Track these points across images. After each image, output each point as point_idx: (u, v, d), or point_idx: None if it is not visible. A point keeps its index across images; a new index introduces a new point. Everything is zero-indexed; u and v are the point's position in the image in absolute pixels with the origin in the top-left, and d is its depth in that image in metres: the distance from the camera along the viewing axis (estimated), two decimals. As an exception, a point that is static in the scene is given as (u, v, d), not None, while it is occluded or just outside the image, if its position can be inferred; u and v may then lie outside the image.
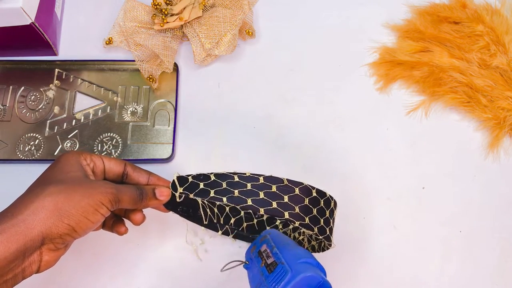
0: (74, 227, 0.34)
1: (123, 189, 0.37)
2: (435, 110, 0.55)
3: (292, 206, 0.37)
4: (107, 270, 0.48)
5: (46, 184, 0.35)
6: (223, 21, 0.55)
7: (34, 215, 0.33)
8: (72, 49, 0.58)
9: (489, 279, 0.48)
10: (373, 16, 0.59)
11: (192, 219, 0.46)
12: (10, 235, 0.32)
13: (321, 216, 0.39)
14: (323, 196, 0.40)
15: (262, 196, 0.37)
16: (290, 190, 0.38)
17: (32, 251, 0.33)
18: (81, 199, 0.34)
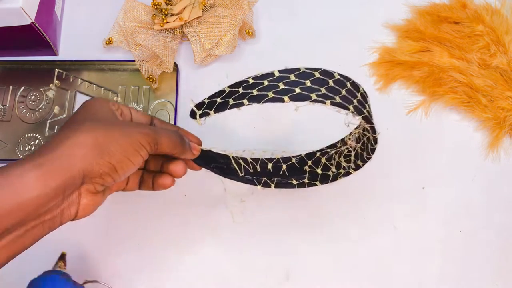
0: (115, 166, 0.32)
1: (161, 132, 0.35)
2: (435, 110, 0.55)
3: (317, 88, 0.34)
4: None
5: (80, 122, 0.32)
6: (223, 21, 0.55)
7: (74, 150, 0.30)
8: (72, 49, 0.58)
9: (489, 279, 0.48)
10: (373, 16, 0.59)
11: (227, 175, 0.43)
12: (50, 170, 0.29)
13: (353, 97, 0.36)
14: (348, 79, 0.36)
15: (282, 87, 0.35)
16: (310, 75, 0.35)
17: (72, 190, 0.30)
18: (120, 137, 0.32)
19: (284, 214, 0.50)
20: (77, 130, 0.31)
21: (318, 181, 0.44)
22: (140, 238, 0.49)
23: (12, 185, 0.28)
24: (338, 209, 0.51)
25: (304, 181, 0.44)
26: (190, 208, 0.51)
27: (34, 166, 0.29)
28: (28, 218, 0.29)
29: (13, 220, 0.28)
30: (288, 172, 0.45)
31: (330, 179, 0.44)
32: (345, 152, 0.44)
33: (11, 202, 0.27)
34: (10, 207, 0.27)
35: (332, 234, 0.50)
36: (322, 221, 0.50)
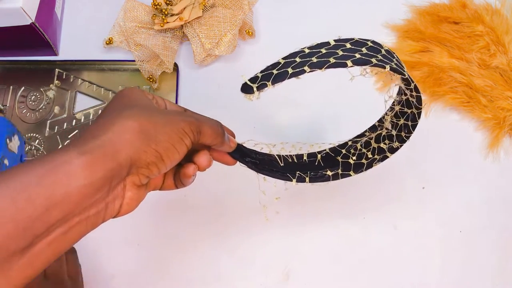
0: (162, 155, 0.30)
1: (204, 120, 0.33)
2: (435, 110, 0.55)
3: (374, 55, 0.34)
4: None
5: (122, 108, 0.30)
6: (223, 21, 0.55)
7: (120, 136, 0.28)
8: (72, 49, 0.58)
9: (489, 279, 0.48)
10: (373, 16, 0.59)
11: (261, 171, 0.41)
12: (96, 158, 0.27)
13: (402, 67, 0.36)
14: (393, 53, 0.37)
15: (342, 53, 0.34)
16: (364, 44, 0.35)
17: (118, 180, 0.28)
18: (165, 125, 0.30)
19: (284, 214, 0.50)
20: (121, 116, 0.29)
21: (352, 171, 0.42)
22: (140, 238, 0.49)
23: (58, 174, 0.25)
24: (338, 209, 0.51)
25: (338, 172, 0.42)
26: (190, 208, 0.51)
27: (80, 153, 0.26)
28: (73, 212, 0.26)
29: (59, 213, 0.26)
30: (323, 163, 0.43)
31: (364, 167, 0.42)
32: (382, 135, 0.42)
33: (58, 192, 0.25)
34: (56, 197, 0.25)
35: (332, 234, 0.50)
36: (322, 221, 0.50)
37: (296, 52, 0.35)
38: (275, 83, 0.33)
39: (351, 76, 0.35)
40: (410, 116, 0.40)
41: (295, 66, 0.33)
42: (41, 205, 0.25)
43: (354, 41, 0.35)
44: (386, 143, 0.42)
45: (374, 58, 0.34)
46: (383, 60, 0.34)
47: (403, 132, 0.41)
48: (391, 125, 0.42)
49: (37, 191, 0.25)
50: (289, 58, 0.34)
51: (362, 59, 0.33)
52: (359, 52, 0.34)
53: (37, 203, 0.25)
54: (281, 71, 0.33)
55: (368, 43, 0.36)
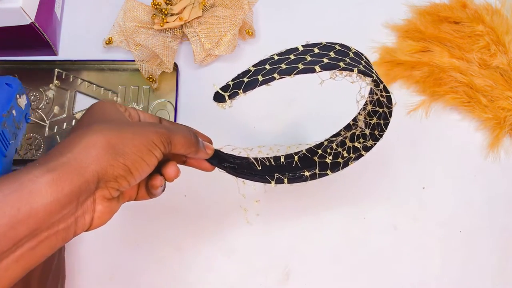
0: (130, 168, 0.30)
1: (175, 130, 0.33)
2: (435, 110, 0.55)
3: (342, 59, 0.34)
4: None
5: (90, 124, 0.30)
6: (223, 21, 0.55)
7: (86, 152, 0.28)
8: (72, 49, 0.58)
9: (489, 279, 0.48)
10: (373, 16, 0.59)
11: (240, 175, 0.41)
12: (62, 174, 0.27)
13: (371, 68, 0.37)
14: (361, 54, 0.38)
15: (309, 59, 0.34)
16: (331, 48, 0.35)
17: (86, 195, 0.29)
18: (134, 137, 0.30)
19: (284, 214, 0.50)
20: (88, 132, 0.29)
21: (329, 170, 0.43)
22: (140, 238, 0.49)
23: (23, 192, 0.26)
24: (338, 209, 0.51)
25: (316, 172, 0.43)
26: (190, 208, 0.51)
27: (46, 170, 0.27)
28: (40, 228, 0.27)
29: (25, 229, 0.26)
30: (300, 163, 0.43)
31: (341, 166, 0.43)
32: (356, 134, 0.43)
33: (23, 210, 0.26)
34: (21, 215, 0.26)
35: (332, 234, 0.50)
36: (322, 221, 0.50)
37: (265, 59, 0.35)
38: (246, 91, 0.33)
39: (321, 81, 0.35)
40: (382, 115, 0.40)
41: (265, 74, 0.34)
42: (6, 223, 0.25)
43: (322, 45, 0.36)
44: (361, 141, 0.43)
45: (342, 61, 0.34)
46: (351, 63, 0.34)
47: (376, 131, 0.41)
48: (364, 124, 0.42)
49: (2, 209, 0.25)
50: (259, 66, 0.35)
51: (330, 63, 0.33)
52: (327, 57, 0.34)
53: (2, 221, 0.25)
54: (252, 79, 0.34)
55: (336, 46, 0.36)
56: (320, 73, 0.33)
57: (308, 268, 0.48)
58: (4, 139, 0.40)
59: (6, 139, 0.40)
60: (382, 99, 0.39)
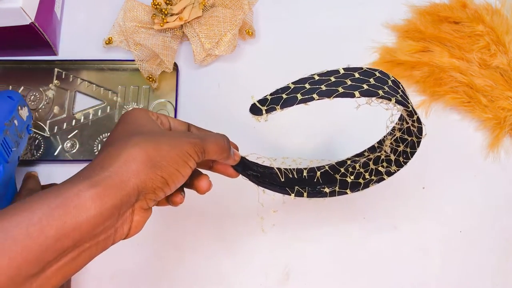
0: (167, 180, 0.31)
1: (208, 138, 0.34)
2: (435, 110, 0.55)
3: (381, 86, 0.35)
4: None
5: (128, 136, 0.32)
6: (223, 21, 0.55)
7: (127, 167, 0.30)
8: (72, 49, 0.58)
9: (489, 279, 0.48)
10: (373, 16, 0.59)
11: (262, 184, 0.42)
12: (105, 189, 0.28)
13: (407, 99, 0.37)
14: (397, 82, 0.38)
15: (350, 83, 0.34)
16: (371, 74, 0.36)
17: (127, 208, 0.30)
18: (170, 150, 0.31)
19: (283, 215, 0.50)
20: (127, 146, 0.31)
21: (349, 189, 0.43)
22: (140, 238, 0.49)
23: (69, 206, 0.27)
24: (338, 209, 0.51)
25: (335, 190, 0.43)
26: (191, 209, 0.51)
27: (90, 185, 0.28)
28: (83, 239, 0.28)
29: (70, 242, 0.27)
30: (322, 179, 0.44)
31: (361, 186, 0.43)
32: (381, 158, 0.43)
33: (68, 223, 0.27)
34: (67, 228, 0.27)
35: (332, 234, 0.50)
36: (322, 221, 0.50)
37: (306, 78, 0.35)
38: (284, 107, 0.33)
39: (357, 105, 0.36)
40: (410, 143, 0.40)
41: (304, 93, 0.34)
42: (52, 236, 0.27)
43: (363, 71, 0.36)
44: (384, 166, 0.43)
45: (381, 90, 0.34)
46: (389, 92, 0.35)
47: (401, 157, 0.42)
48: (390, 149, 0.42)
49: (49, 223, 0.27)
50: (299, 84, 0.35)
51: (369, 90, 0.34)
52: (367, 83, 0.34)
53: (49, 234, 0.27)
54: (291, 96, 0.34)
55: (376, 73, 0.36)
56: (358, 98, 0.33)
57: (308, 268, 0.48)
58: (6, 146, 0.42)
59: (9, 146, 0.43)
60: (413, 128, 0.39)
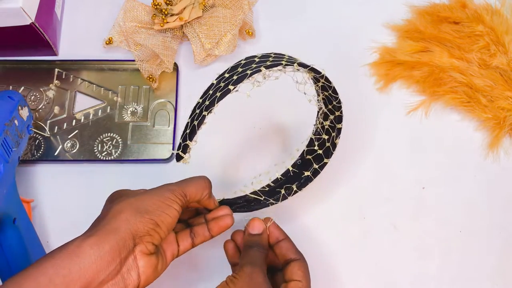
0: (156, 221, 0.35)
1: (187, 182, 0.39)
2: (435, 110, 0.55)
3: (280, 59, 0.39)
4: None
5: (115, 199, 0.37)
6: (223, 21, 0.55)
7: (116, 217, 0.35)
8: (72, 49, 0.58)
9: (489, 279, 0.48)
10: (373, 16, 0.59)
11: (252, 208, 0.45)
12: (101, 236, 0.33)
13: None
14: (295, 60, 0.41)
15: (254, 65, 0.38)
16: (268, 56, 0.40)
17: (126, 252, 0.34)
18: (152, 197, 0.36)
19: (284, 215, 0.50)
20: (113, 204, 0.36)
21: (325, 158, 0.46)
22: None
23: (72, 255, 0.32)
24: (338, 209, 0.51)
25: (309, 175, 0.46)
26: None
27: (87, 236, 0.34)
28: (90, 285, 0.32)
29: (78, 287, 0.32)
30: (298, 170, 0.46)
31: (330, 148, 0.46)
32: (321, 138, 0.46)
33: (73, 270, 0.32)
34: (72, 275, 0.31)
35: (332, 234, 0.50)
36: (322, 221, 0.50)
37: (198, 103, 0.40)
38: (191, 139, 0.38)
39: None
40: (335, 116, 0.43)
41: (197, 117, 0.38)
42: (61, 283, 0.31)
43: (260, 56, 0.39)
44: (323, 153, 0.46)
45: (283, 60, 0.38)
46: (289, 59, 0.39)
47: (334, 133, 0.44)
48: (321, 128, 0.46)
49: (56, 272, 0.31)
50: (203, 97, 0.40)
51: (273, 63, 0.37)
52: (270, 59, 0.38)
53: (57, 282, 0.31)
54: (191, 127, 0.38)
55: (272, 54, 0.40)
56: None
57: (308, 268, 0.48)
58: (7, 146, 0.43)
59: (9, 146, 0.43)
60: (329, 93, 0.42)
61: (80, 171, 0.52)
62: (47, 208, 0.50)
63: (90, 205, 0.51)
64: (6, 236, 0.43)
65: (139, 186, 0.51)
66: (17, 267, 0.44)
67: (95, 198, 0.51)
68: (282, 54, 0.40)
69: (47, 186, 0.51)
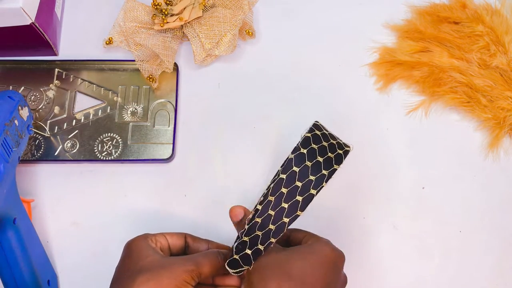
0: None
1: (202, 261, 0.39)
2: (435, 110, 0.55)
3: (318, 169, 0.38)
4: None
5: (133, 276, 0.37)
6: (223, 21, 0.55)
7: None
8: (72, 49, 0.58)
9: (489, 279, 0.48)
10: (373, 16, 0.59)
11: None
12: None
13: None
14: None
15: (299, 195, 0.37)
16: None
17: None
18: (169, 283, 0.36)
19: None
20: (134, 285, 0.36)
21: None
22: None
23: None
24: (338, 209, 0.51)
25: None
26: (191, 208, 0.51)
27: None
28: None
29: None
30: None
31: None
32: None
33: None
34: None
35: (332, 234, 0.50)
36: (322, 221, 0.50)
37: (256, 223, 0.38)
38: (256, 259, 0.37)
39: None
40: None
41: (261, 241, 0.37)
42: None
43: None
44: None
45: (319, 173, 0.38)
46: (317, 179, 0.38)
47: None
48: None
49: None
50: (250, 233, 0.38)
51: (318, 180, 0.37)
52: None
53: None
54: (254, 250, 0.38)
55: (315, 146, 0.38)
56: None
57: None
58: (7, 146, 0.43)
59: (9, 146, 0.43)
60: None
61: (80, 171, 0.52)
62: (47, 208, 0.50)
63: (90, 205, 0.51)
64: (6, 236, 0.43)
65: (139, 186, 0.51)
66: (17, 267, 0.44)
67: (95, 198, 0.51)
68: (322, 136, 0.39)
69: (47, 186, 0.51)
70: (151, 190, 0.51)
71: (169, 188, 0.52)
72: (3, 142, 0.42)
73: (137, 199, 0.51)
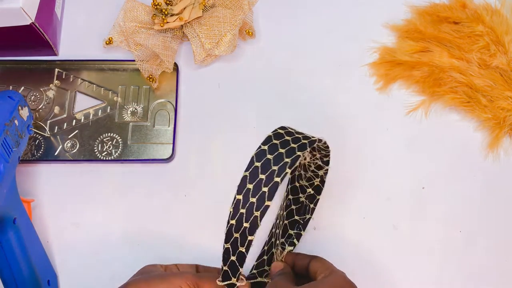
0: None
1: (204, 276, 0.39)
2: (435, 110, 0.55)
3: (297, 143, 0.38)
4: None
5: (127, 281, 0.39)
6: (223, 21, 0.55)
7: None
8: (72, 49, 0.58)
9: (489, 279, 0.48)
10: (373, 16, 0.59)
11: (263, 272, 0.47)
12: None
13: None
14: None
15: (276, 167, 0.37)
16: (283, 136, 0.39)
17: None
18: (161, 282, 0.37)
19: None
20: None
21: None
22: (140, 238, 0.49)
23: None
24: (338, 209, 0.51)
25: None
26: (190, 208, 0.51)
27: None
28: None
29: None
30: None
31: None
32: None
33: None
34: None
35: (332, 234, 0.50)
36: (322, 221, 0.50)
37: (231, 225, 0.37)
38: (242, 266, 0.36)
39: None
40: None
41: (241, 243, 0.36)
42: None
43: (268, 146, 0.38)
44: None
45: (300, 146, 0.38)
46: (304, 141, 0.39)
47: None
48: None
49: None
50: (229, 238, 0.37)
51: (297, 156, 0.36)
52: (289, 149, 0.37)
53: None
54: (238, 254, 0.36)
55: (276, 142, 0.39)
56: None
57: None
58: (7, 146, 0.43)
59: (9, 146, 0.43)
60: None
61: (80, 171, 0.52)
62: (47, 208, 0.50)
63: (90, 205, 0.51)
64: (6, 236, 0.43)
65: (139, 186, 0.51)
66: (17, 267, 0.44)
67: (95, 198, 0.51)
68: (284, 134, 0.39)
69: (47, 186, 0.51)
70: (151, 190, 0.51)
71: (169, 188, 0.52)
72: (3, 142, 0.42)
73: (137, 199, 0.51)
